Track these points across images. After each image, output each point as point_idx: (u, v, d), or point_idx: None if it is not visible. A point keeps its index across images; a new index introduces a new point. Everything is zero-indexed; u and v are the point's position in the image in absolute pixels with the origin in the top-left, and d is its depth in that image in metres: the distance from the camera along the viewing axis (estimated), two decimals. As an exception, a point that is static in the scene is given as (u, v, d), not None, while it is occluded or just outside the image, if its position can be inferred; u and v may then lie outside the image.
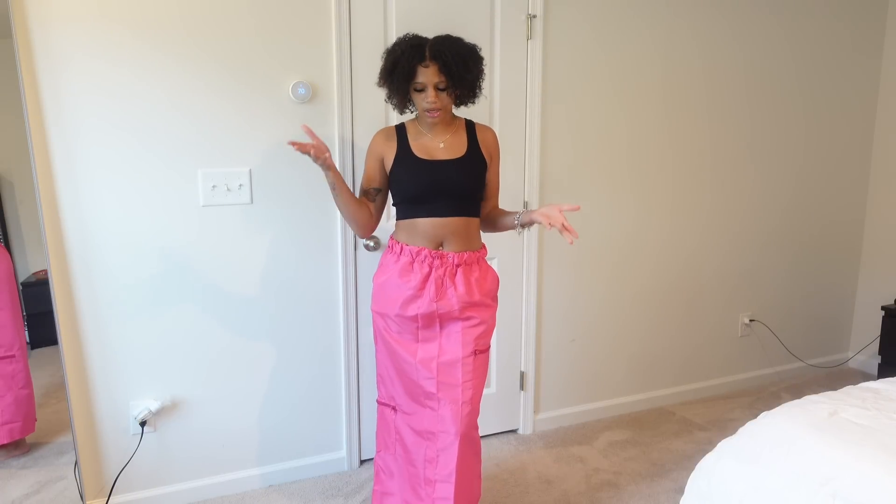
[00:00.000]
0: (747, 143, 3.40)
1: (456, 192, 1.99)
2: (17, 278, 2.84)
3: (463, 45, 1.93)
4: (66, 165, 2.18)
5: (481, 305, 2.04)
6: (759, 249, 3.56)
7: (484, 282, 2.06)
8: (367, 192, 2.09)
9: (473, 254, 2.04)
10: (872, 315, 3.81)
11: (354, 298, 2.64)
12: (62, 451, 2.66)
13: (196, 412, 2.48)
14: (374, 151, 2.07)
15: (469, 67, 1.92)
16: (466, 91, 1.98)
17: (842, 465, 1.65)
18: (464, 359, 1.99)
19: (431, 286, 1.99)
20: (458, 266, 2.01)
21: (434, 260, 1.99)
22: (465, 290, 2.00)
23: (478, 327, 2.03)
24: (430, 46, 1.89)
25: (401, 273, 2.00)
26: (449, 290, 2.00)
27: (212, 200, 2.38)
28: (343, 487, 2.61)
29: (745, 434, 1.94)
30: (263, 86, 2.39)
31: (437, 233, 2.00)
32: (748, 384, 3.64)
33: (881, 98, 3.73)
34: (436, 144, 2.02)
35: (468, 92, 1.99)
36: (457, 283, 2.00)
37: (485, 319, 2.05)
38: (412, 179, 2.00)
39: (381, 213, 2.14)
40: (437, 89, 1.91)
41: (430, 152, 2.02)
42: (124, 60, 2.20)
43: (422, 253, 1.99)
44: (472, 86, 1.98)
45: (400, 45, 1.92)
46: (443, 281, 2.00)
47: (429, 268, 1.99)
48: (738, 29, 3.24)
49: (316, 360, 2.63)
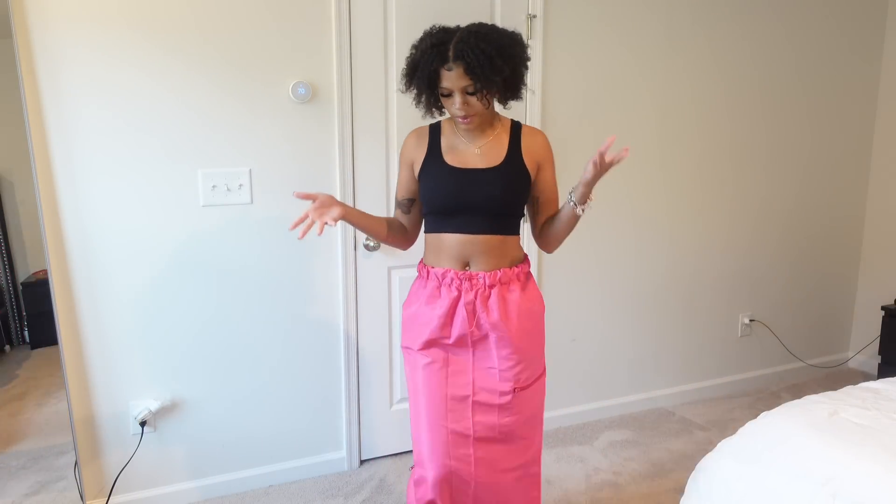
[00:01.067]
0: (747, 143, 3.40)
1: (487, 206, 1.72)
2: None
3: (492, 39, 1.60)
4: (66, 165, 2.18)
5: (521, 332, 1.76)
6: (759, 249, 3.56)
7: (526, 300, 1.79)
8: (400, 204, 1.89)
9: (510, 270, 1.77)
10: (872, 315, 3.81)
11: (354, 298, 2.64)
12: (62, 451, 2.66)
13: (196, 412, 2.48)
14: (404, 157, 1.85)
15: (498, 67, 1.60)
16: (504, 91, 1.69)
17: (842, 465, 1.65)
18: (499, 397, 1.76)
19: (462, 312, 1.74)
20: (492, 287, 1.74)
21: (462, 282, 1.74)
22: (501, 314, 1.74)
23: (516, 364, 1.76)
24: (454, 45, 1.60)
25: (428, 300, 1.77)
26: (482, 317, 1.74)
27: (212, 200, 2.38)
28: (343, 487, 2.61)
29: (745, 434, 1.94)
30: (263, 86, 2.39)
31: (463, 251, 1.74)
32: (748, 384, 3.64)
33: (881, 99, 3.73)
34: (471, 150, 1.76)
35: (508, 91, 1.70)
36: (490, 307, 1.74)
37: (524, 350, 1.77)
38: (438, 189, 1.75)
39: (418, 225, 1.91)
40: (465, 93, 1.63)
41: (463, 159, 1.75)
42: (124, 60, 2.20)
43: (447, 275, 1.75)
44: (510, 85, 1.68)
45: (422, 44, 1.67)
46: (474, 306, 1.74)
47: (457, 291, 1.74)
48: (738, 30, 3.24)
49: (316, 360, 2.63)
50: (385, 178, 2.63)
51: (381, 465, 2.77)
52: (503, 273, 1.75)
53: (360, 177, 2.58)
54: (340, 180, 2.54)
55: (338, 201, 1.70)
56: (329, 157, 2.52)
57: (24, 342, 3.02)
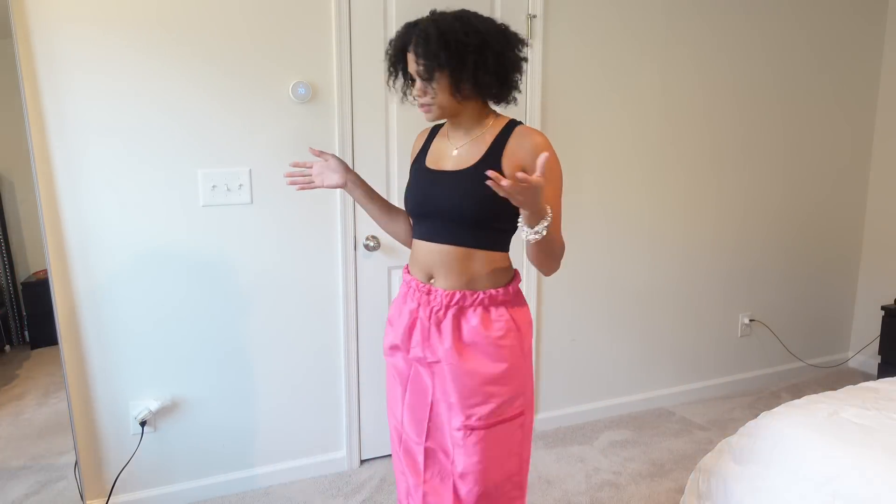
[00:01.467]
0: (747, 143, 3.40)
1: (450, 213, 1.53)
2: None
3: (448, 24, 1.45)
4: (67, 165, 2.18)
5: (477, 367, 1.51)
6: (759, 249, 3.56)
7: (489, 330, 1.51)
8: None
9: (471, 294, 1.52)
10: (872, 315, 3.81)
11: (354, 298, 2.64)
12: (62, 451, 2.66)
13: (196, 412, 2.48)
14: (412, 156, 1.74)
15: (433, 52, 1.43)
16: (459, 80, 1.46)
17: (842, 465, 1.65)
18: (452, 432, 1.54)
19: (417, 333, 1.58)
20: (448, 308, 1.53)
21: (422, 296, 1.57)
22: (453, 343, 1.52)
23: (469, 397, 1.51)
24: (421, 25, 1.49)
25: (401, 304, 1.65)
26: (434, 341, 1.55)
27: (212, 200, 2.38)
28: (343, 487, 2.61)
29: (745, 434, 1.94)
30: (263, 86, 2.39)
31: (427, 260, 1.58)
32: (748, 384, 3.63)
33: (881, 99, 3.73)
34: (449, 150, 1.60)
35: (467, 82, 1.47)
36: (443, 332, 1.53)
37: (480, 387, 1.51)
38: (409, 190, 1.65)
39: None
40: (421, 79, 1.49)
41: (439, 160, 1.61)
42: (124, 60, 2.20)
43: (411, 284, 1.61)
44: (472, 76, 1.45)
45: (403, 26, 1.57)
46: (429, 328, 1.56)
47: (417, 304, 1.59)
48: (739, 32, 3.24)
49: (316, 360, 2.63)
50: (385, 178, 2.63)
51: (381, 465, 2.77)
52: (461, 295, 1.52)
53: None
54: (340, 180, 2.53)
55: (348, 169, 1.68)
56: (329, 157, 2.52)
57: (24, 342, 3.02)
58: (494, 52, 1.46)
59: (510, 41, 1.50)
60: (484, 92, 1.51)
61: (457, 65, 1.44)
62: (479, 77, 1.46)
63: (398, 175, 2.64)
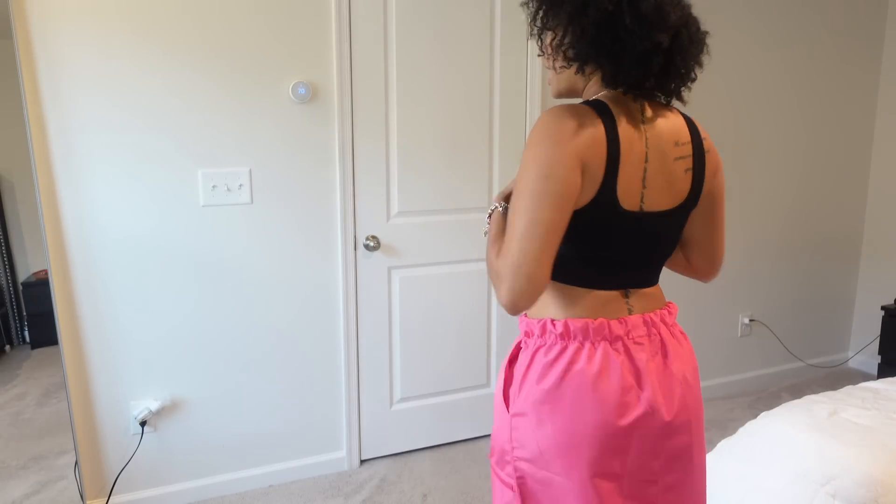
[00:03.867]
0: (747, 143, 3.40)
1: None
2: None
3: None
4: (67, 165, 2.18)
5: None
6: (759, 249, 3.55)
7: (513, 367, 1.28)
8: None
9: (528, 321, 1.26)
10: (872, 315, 3.81)
11: (354, 298, 2.64)
12: (62, 451, 2.66)
13: (196, 412, 2.48)
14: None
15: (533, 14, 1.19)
16: (559, 49, 1.18)
17: (842, 465, 1.65)
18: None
19: None
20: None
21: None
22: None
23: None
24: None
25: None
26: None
27: (212, 200, 2.38)
28: (343, 487, 2.61)
29: (745, 434, 1.94)
30: (263, 86, 2.39)
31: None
32: (748, 384, 3.63)
33: (881, 99, 3.73)
34: None
35: (563, 50, 1.17)
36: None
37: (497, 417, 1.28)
38: None
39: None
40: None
41: None
42: (124, 60, 2.20)
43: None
44: (568, 41, 1.15)
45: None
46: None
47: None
48: (739, 31, 3.24)
49: (316, 360, 2.63)
50: (385, 178, 2.63)
51: (381, 465, 2.77)
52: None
53: (360, 177, 2.58)
54: (340, 180, 2.53)
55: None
56: (329, 157, 2.52)
57: (24, 342, 3.02)
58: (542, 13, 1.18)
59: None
60: (561, 61, 1.20)
61: (541, 35, 1.21)
62: (544, 45, 1.22)
63: (398, 175, 2.64)
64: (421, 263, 2.74)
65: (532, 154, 1.09)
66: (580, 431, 1.14)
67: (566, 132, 1.09)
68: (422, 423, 2.86)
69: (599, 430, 1.13)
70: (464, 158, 2.73)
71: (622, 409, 1.14)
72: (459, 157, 2.73)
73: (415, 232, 2.71)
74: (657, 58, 1.13)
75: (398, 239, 2.68)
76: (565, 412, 1.14)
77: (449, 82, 2.65)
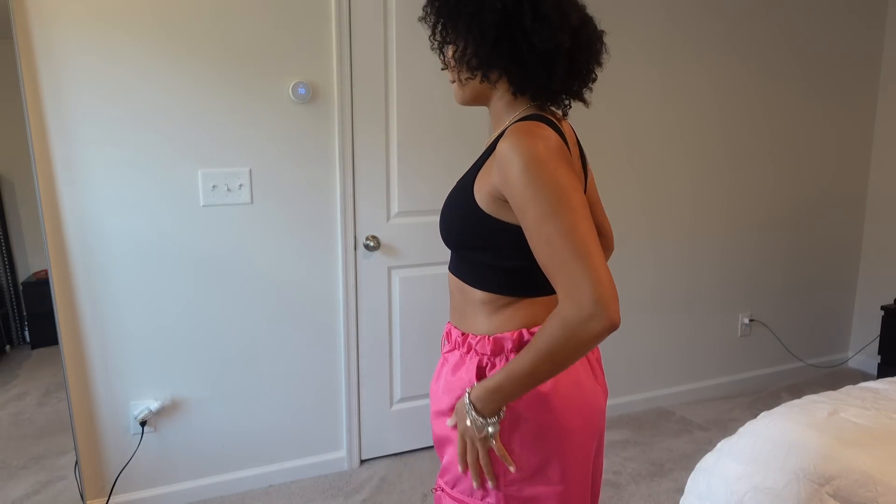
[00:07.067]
0: (747, 142, 3.40)
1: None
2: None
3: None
4: (67, 165, 2.18)
5: (440, 420, 1.24)
6: (759, 249, 3.56)
7: (456, 384, 1.19)
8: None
9: (463, 336, 1.20)
10: (872, 315, 3.81)
11: (354, 298, 2.64)
12: (62, 451, 2.66)
13: (196, 412, 2.48)
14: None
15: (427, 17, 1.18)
16: (456, 55, 1.17)
17: (842, 465, 1.65)
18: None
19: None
20: (448, 352, 1.25)
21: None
22: (437, 387, 1.26)
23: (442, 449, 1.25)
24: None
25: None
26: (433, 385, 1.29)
27: (212, 200, 2.38)
28: (343, 487, 2.61)
29: (745, 434, 1.94)
30: (263, 86, 2.39)
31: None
32: (748, 384, 3.64)
33: (881, 99, 3.73)
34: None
35: (459, 57, 1.15)
36: (441, 375, 1.26)
37: (450, 444, 1.21)
38: None
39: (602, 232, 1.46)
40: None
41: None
42: (124, 60, 2.20)
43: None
44: (462, 51, 1.14)
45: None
46: (441, 369, 1.28)
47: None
48: (740, 30, 3.24)
49: (316, 360, 2.63)
50: (385, 178, 2.63)
51: (381, 465, 2.77)
52: (457, 336, 1.22)
53: (360, 177, 2.58)
54: (340, 180, 2.54)
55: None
56: (329, 157, 2.52)
57: (24, 342, 3.02)
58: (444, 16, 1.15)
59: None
60: (460, 69, 1.18)
61: (438, 41, 1.19)
62: (467, 59, 1.15)
63: (398, 175, 2.64)
64: (421, 263, 2.74)
65: (549, 174, 1.02)
66: (582, 428, 1.20)
67: (564, 149, 1.08)
68: (422, 423, 2.86)
69: (594, 424, 1.23)
70: (464, 158, 2.73)
71: (598, 399, 1.24)
72: (459, 157, 2.73)
73: (415, 232, 2.71)
74: (560, 58, 1.12)
75: (398, 239, 2.68)
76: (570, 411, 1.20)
77: (449, 82, 2.64)
